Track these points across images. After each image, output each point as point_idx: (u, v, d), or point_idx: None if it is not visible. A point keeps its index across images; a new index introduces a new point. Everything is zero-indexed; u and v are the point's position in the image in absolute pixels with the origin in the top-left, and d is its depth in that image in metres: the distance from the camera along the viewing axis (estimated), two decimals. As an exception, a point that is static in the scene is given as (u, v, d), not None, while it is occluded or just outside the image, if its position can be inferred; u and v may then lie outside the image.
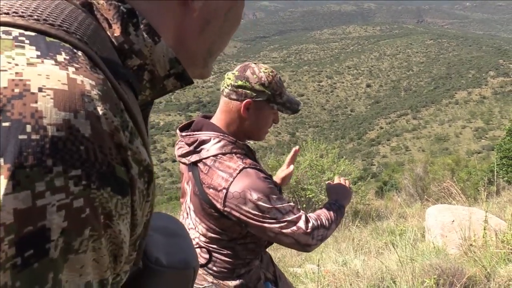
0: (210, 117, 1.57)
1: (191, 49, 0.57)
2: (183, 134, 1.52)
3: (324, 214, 1.51)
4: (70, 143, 0.36)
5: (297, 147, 1.83)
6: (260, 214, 1.37)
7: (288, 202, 1.45)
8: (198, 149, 1.46)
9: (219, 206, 1.41)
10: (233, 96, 1.47)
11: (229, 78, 1.49)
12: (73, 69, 0.39)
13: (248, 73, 1.47)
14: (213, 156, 1.43)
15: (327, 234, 1.48)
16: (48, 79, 0.37)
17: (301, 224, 1.41)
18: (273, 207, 1.38)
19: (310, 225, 1.42)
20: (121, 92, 0.43)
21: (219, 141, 1.45)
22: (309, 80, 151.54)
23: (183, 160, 1.51)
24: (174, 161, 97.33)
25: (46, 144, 0.35)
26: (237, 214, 1.39)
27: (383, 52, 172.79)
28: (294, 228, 1.40)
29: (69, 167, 0.36)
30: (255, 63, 1.53)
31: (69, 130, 0.36)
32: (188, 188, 1.55)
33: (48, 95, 0.36)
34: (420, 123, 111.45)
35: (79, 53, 0.41)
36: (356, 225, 7.29)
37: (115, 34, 0.49)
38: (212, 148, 1.44)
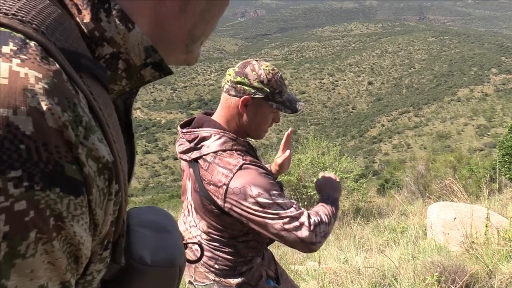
0: (211, 114, 1.56)
1: (171, 33, 0.54)
2: (184, 130, 1.51)
3: (322, 210, 1.47)
4: (8, 142, 0.34)
5: (289, 129, 1.77)
6: (261, 209, 1.35)
7: (290, 199, 1.42)
8: (198, 146, 1.46)
9: (219, 202, 1.40)
10: (232, 92, 1.46)
11: (229, 74, 1.48)
12: (18, 61, 0.36)
13: (248, 69, 1.45)
14: (213, 152, 1.42)
15: (328, 229, 1.43)
16: None
17: (304, 219, 1.37)
18: (274, 203, 1.35)
19: (312, 220, 1.38)
20: (80, 85, 0.41)
21: (219, 138, 1.44)
22: (311, 77, 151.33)
23: (184, 156, 1.50)
24: (175, 159, 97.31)
25: None
26: (238, 210, 1.38)
27: (385, 50, 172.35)
28: (297, 223, 1.36)
29: (7, 168, 0.34)
30: (256, 60, 1.51)
31: (7, 128, 0.34)
32: (189, 185, 1.54)
33: None
34: (422, 121, 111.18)
35: (31, 43, 0.38)
36: (358, 223, 7.28)
37: (85, 21, 0.47)
38: (212, 144, 1.43)
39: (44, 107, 0.36)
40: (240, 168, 1.38)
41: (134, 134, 0.64)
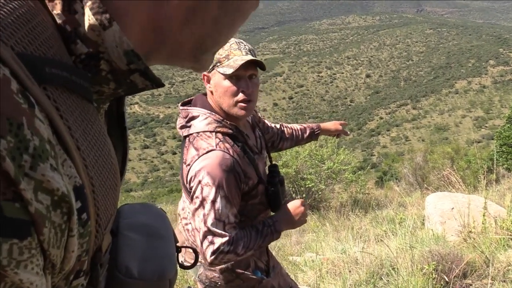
0: None
1: (175, 41, 0.47)
2: (181, 108, 1.56)
3: (245, 241, 1.42)
4: None
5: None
6: (200, 198, 1.36)
7: (233, 214, 1.40)
8: (188, 124, 1.50)
9: (185, 181, 1.44)
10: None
11: None
12: None
13: None
14: (196, 133, 1.46)
15: (235, 258, 1.42)
16: None
17: (217, 243, 1.36)
18: (212, 202, 1.35)
19: (221, 249, 1.37)
20: (38, 99, 0.34)
21: (205, 119, 1.47)
22: (309, 71, 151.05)
23: (180, 132, 1.54)
24: (174, 153, 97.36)
25: None
26: (190, 189, 1.41)
27: (383, 42, 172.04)
28: (210, 238, 1.36)
29: None
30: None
31: None
32: None
33: None
34: (420, 113, 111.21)
35: None
36: (356, 214, 7.29)
37: (55, 11, 0.40)
38: (198, 124, 1.47)
39: None
40: (207, 152, 1.39)
41: (127, 127, 0.59)
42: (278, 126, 1.98)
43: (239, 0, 0.49)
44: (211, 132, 1.44)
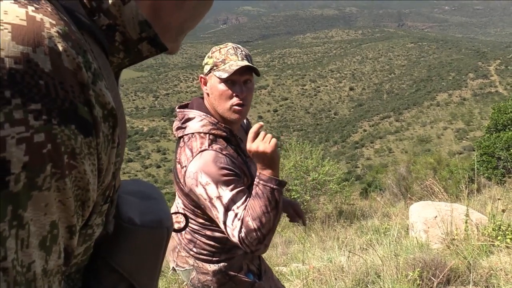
0: None
1: (165, 23, 0.57)
2: (178, 110, 1.59)
3: (251, 213, 1.34)
4: (28, 77, 0.36)
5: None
6: (208, 199, 1.38)
7: (241, 201, 1.37)
8: (184, 126, 1.53)
9: (182, 182, 1.46)
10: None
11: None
12: (33, 8, 0.39)
13: (208, 53, 1.56)
14: (191, 133, 1.48)
15: (261, 233, 1.34)
16: (6, 15, 0.37)
17: (235, 233, 1.35)
18: (217, 197, 1.36)
19: (241, 236, 1.34)
20: (83, 39, 0.43)
21: (200, 120, 1.50)
22: (293, 84, 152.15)
23: (175, 133, 1.57)
24: (158, 166, 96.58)
25: (3, 76, 0.34)
26: (194, 195, 1.43)
27: (365, 56, 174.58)
28: (230, 233, 1.36)
29: (28, 100, 0.35)
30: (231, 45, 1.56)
31: (28, 64, 0.36)
32: None
33: (5, 29, 0.36)
34: (403, 125, 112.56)
35: None
36: (341, 225, 7.33)
37: None
38: (193, 125, 1.50)
39: (60, 48, 0.38)
40: (200, 153, 1.41)
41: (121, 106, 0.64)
42: None
43: None
44: (205, 133, 1.47)
